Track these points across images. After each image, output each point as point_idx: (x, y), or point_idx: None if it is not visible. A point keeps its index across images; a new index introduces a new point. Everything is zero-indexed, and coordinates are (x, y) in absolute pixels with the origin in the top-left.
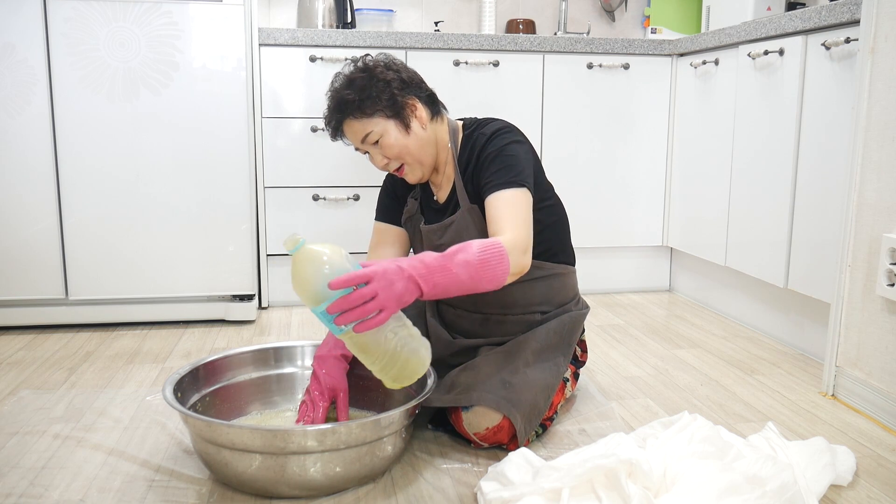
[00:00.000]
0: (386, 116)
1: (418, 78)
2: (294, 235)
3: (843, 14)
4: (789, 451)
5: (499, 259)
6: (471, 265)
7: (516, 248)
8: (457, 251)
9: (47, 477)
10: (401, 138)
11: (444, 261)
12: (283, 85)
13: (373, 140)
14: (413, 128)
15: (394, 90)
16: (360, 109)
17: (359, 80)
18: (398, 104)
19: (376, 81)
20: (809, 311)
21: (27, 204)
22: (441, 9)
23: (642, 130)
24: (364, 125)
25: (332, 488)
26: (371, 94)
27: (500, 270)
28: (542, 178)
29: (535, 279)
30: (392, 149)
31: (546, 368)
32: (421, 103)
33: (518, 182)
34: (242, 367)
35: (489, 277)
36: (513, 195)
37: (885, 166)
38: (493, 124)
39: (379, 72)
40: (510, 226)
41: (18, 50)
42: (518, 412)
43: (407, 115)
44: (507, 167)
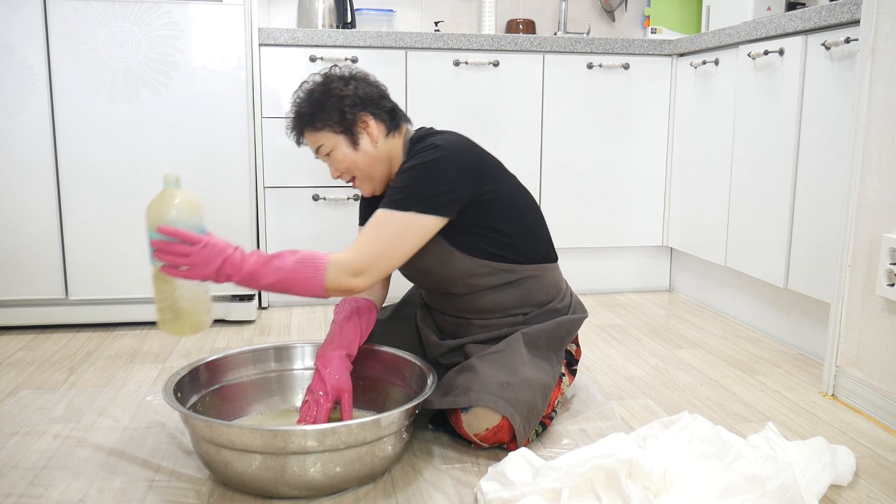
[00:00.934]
0: (335, 132)
1: (378, 93)
2: (174, 175)
3: (843, 14)
4: (789, 451)
5: (312, 274)
6: (282, 272)
7: (343, 269)
8: (279, 256)
9: (47, 477)
10: (349, 154)
11: (259, 265)
12: (283, 85)
13: (324, 153)
14: (362, 144)
15: (344, 106)
16: (311, 123)
17: (316, 93)
18: (348, 120)
19: (329, 96)
20: (809, 311)
21: (27, 204)
22: (441, 9)
23: (642, 130)
24: (316, 138)
25: (332, 488)
26: (323, 109)
27: (313, 284)
28: (495, 186)
29: (506, 284)
30: (340, 163)
31: (542, 367)
32: (375, 120)
33: (402, 204)
34: (242, 367)
35: (298, 288)
36: (387, 217)
37: (885, 166)
38: (427, 141)
39: (334, 87)
40: (357, 246)
41: (18, 50)
42: (517, 412)
43: (356, 132)
44: (402, 187)
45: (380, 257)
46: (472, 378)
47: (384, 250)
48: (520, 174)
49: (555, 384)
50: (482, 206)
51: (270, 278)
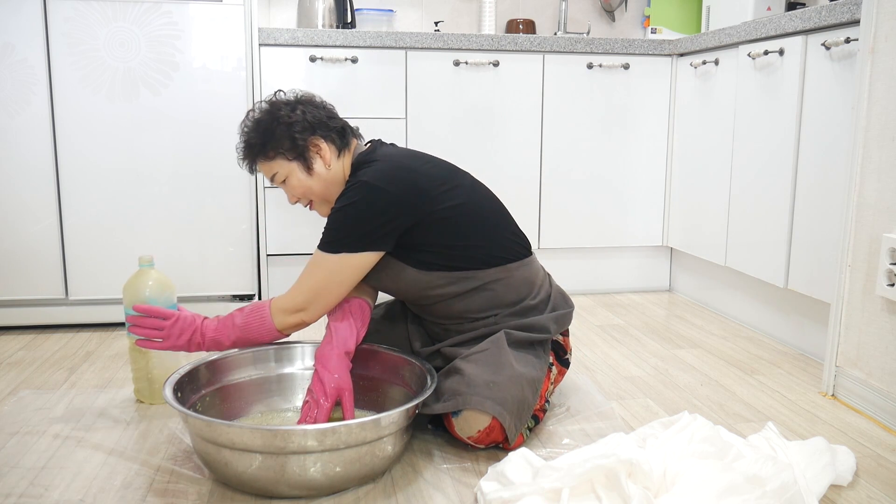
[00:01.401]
0: (288, 159)
1: (326, 114)
2: (148, 257)
3: (843, 14)
4: (789, 451)
5: (259, 322)
6: (237, 329)
7: (283, 309)
8: (230, 317)
9: (47, 477)
10: (304, 180)
11: (218, 330)
12: (283, 85)
13: (279, 180)
14: (316, 168)
15: (295, 133)
16: (262, 153)
17: (263, 122)
18: (299, 147)
19: (278, 124)
20: (809, 311)
21: (27, 204)
22: (441, 9)
23: (642, 130)
24: (269, 167)
25: (332, 488)
26: (273, 137)
27: (264, 330)
28: (437, 206)
29: (471, 290)
30: (296, 189)
31: (528, 361)
32: (326, 142)
33: (333, 247)
34: (242, 367)
35: (255, 338)
36: (321, 258)
37: (885, 166)
38: (360, 174)
39: (282, 114)
40: (295, 287)
41: (18, 50)
42: (506, 411)
43: (310, 157)
44: (332, 230)
45: (317, 296)
46: (460, 381)
47: (320, 290)
48: (519, 174)
49: (543, 377)
50: (426, 227)
51: (231, 337)
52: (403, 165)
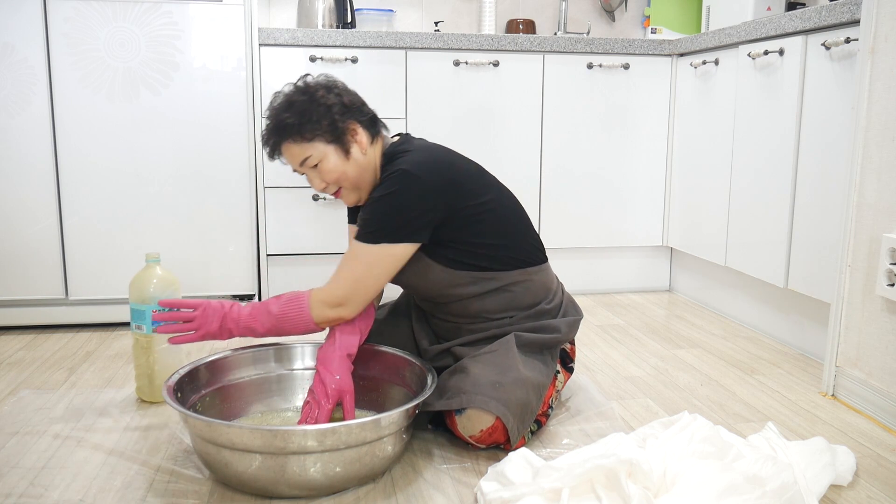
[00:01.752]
0: (326, 141)
1: (359, 101)
2: (154, 253)
3: (843, 14)
4: (789, 451)
5: (298, 312)
6: (272, 316)
7: (324, 303)
8: (266, 303)
9: (47, 477)
10: (340, 164)
11: (253, 317)
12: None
13: (311, 164)
14: (353, 153)
15: (334, 115)
16: (299, 133)
17: (299, 102)
18: (339, 129)
19: (317, 105)
20: (809, 311)
21: (27, 204)
22: (441, 9)
23: (642, 130)
24: (303, 149)
25: (332, 488)
26: (311, 118)
27: (301, 321)
28: (470, 201)
29: (491, 291)
30: (331, 174)
31: (535, 367)
32: (362, 128)
33: (373, 237)
34: (242, 367)
35: (290, 328)
36: (360, 250)
37: (885, 166)
38: (398, 163)
39: (320, 95)
40: (335, 279)
41: (18, 50)
42: (510, 412)
43: (347, 141)
44: (371, 220)
45: (357, 288)
46: (465, 379)
47: (360, 282)
48: (519, 174)
49: (549, 383)
50: (458, 223)
51: (266, 325)
52: (440, 157)
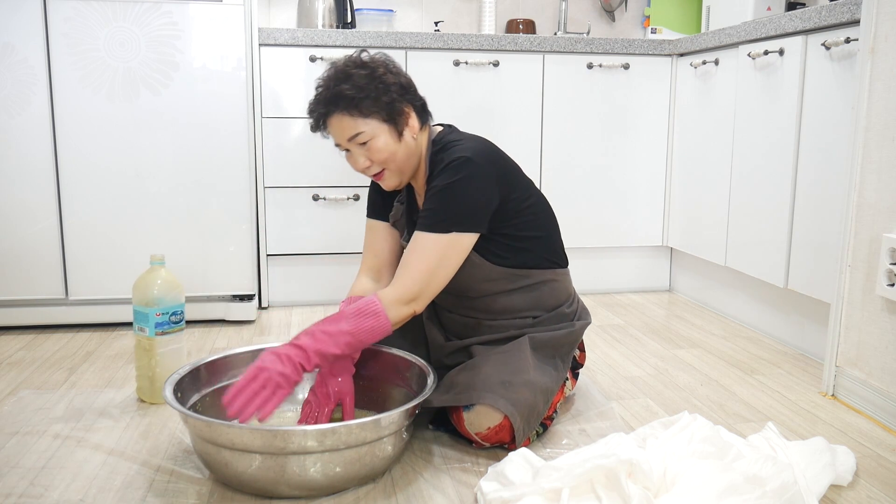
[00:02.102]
0: (381, 120)
1: (414, 85)
2: (159, 255)
3: (843, 14)
4: (789, 451)
5: (374, 321)
6: (347, 334)
7: (398, 301)
8: (334, 321)
9: (47, 477)
10: (391, 144)
11: (325, 342)
12: (283, 85)
13: (361, 140)
14: (405, 136)
15: (393, 94)
16: (356, 107)
17: (357, 76)
18: (395, 110)
19: (377, 83)
20: (809, 311)
21: (27, 204)
22: (441, 9)
23: (642, 130)
24: (356, 124)
25: (332, 488)
26: (370, 95)
27: (379, 329)
28: (518, 193)
29: (521, 288)
30: (380, 153)
31: (546, 371)
32: (415, 112)
33: (443, 226)
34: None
35: (369, 339)
36: (429, 241)
37: (885, 166)
38: (454, 151)
39: (381, 73)
40: (405, 275)
41: (18, 50)
42: (518, 412)
43: (401, 123)
44: (439, 209)
45: (431, 281)
46: (475, 376)
47: (433, 274)
48: None
49: (558, 389)
50: (505, 214)
51: (341, 344)
52: (493, 148)
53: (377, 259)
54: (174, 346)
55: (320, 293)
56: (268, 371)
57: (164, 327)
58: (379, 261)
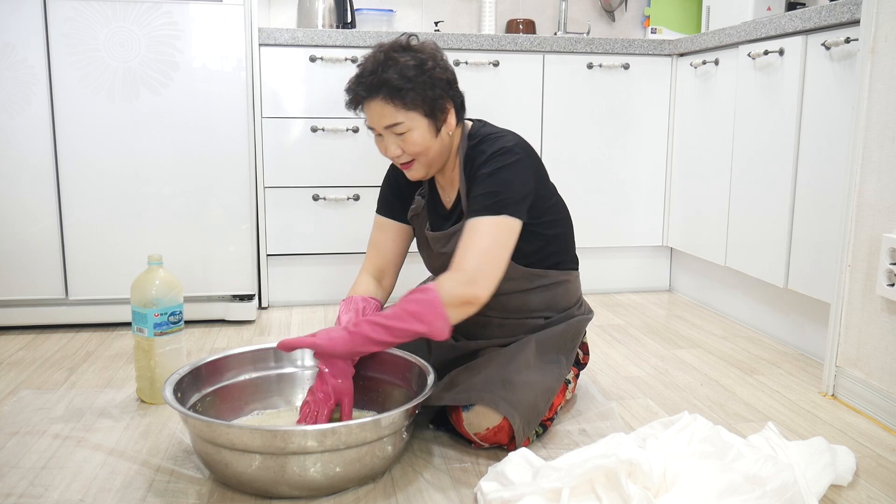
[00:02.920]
0: (423, 114)
1: (457, 80)
2: (157, 255)
3: (843, 14)
4: (789, 451)
5: (432, 318)
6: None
7: (459, 283)
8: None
9: (47, 477)
10: (428, 139)
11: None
12: (283, 85)
13: (399, 131)
14: (442, 132)
15: (439, 90)
16: (400, 97)
17: (405, 66)
18: (438, 106)
19: (426, 76)
20: (809, 311)
21: (27, 204)
22: (441, 9)
23: (642, 130)
24: (397, 114)
25: (332, 488)
26: (417, 87)
27: (437, 326)
28: (546, 191)
29: (537, 287)
30: (415, 146)
31: (548, 370)
32: (454, 109)
33: (496, 209)
34: (242, 367)
35: (429, 333)
36: (481, 224)
37: (885, 166)
38: (496, 142)
39: (429, 66)
40: (464, 258)
41: (18, 50)
42: (517, 413)
43: (441, 119)
44: (491, 192)
45: (487, 260)
46: (475, 376)
47: (489, 253)
48: None
49: (558, 388)
50: (534, 211)
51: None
52: (529, 143)
53: (382, 259)
54: (173, 347)
55: (320, 293)
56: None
57: (163, 328)
58: (384, 261)
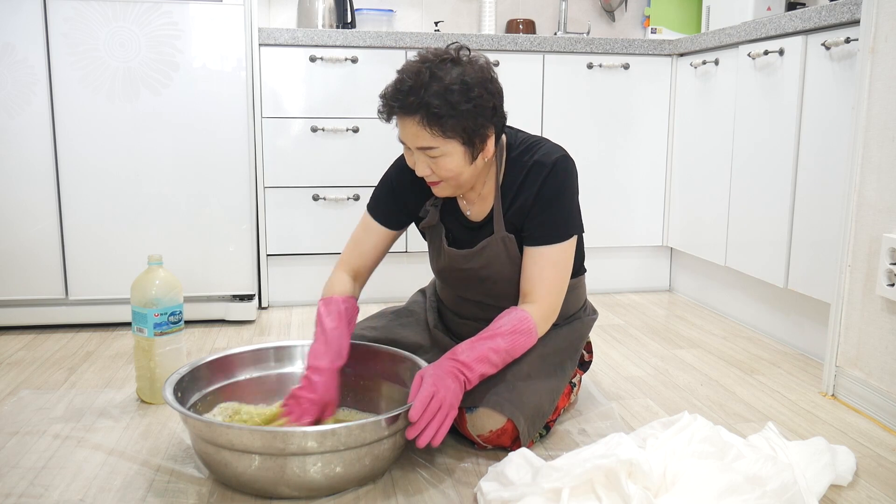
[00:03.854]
0: (461, 142)
1: (502, 98)
2: (157, 255)
3: (843, 14)
4: (789, 451)
5: (527, 339)
6: (504, 352)
7: (545, 319)
8: (490, 339)
9: (47, 477)
10: (462, 165)
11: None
12: (283, 85)
13: (433, 155)
14: (477, 160)
15: (479, 118)
16: (438, 124)
17: (450, 88)
18: (478, 135)
19: (472, 104)
20: (809, 311)
21: (27, 204)
22: (441, 9)
23: (642, 130)
24: (433, 139)
25: (331, 489)
26: (458, 115)
27: (528, 346)
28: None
29: None
30: (448, 172)
31: (552, 372)
32: (494, 136)
33: (564, 235)
34: (242, 367)
35: (518, 354)
36: (556, 253)
37: (885, 166)
38: (542, 150)
39: (476, 94)
40: (545, 293)
41: (18, 50)
42: (522, 415)
43: (479, 148)
44: (557, 219)
45: (563, 292)
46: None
47: (563, 284)
48: None
49: (563, 389)
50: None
51: (498, 365)
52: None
53: (361, 260)
54: (173, 347)
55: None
56: (441, 394)
57: (163, 328)
58: (362, 263)
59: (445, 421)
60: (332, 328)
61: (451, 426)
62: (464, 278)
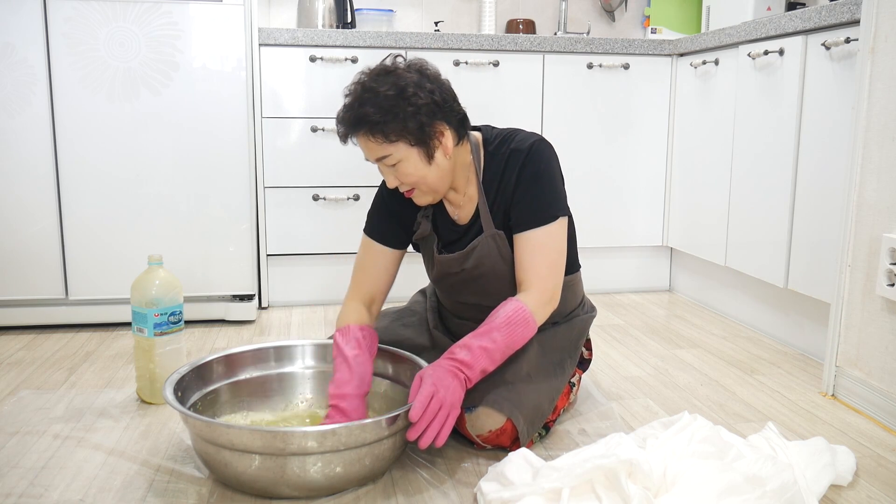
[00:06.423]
0: (409, 144)
1: (451, 95)
2: (157, 255)
3: (843, 14)
4: (789, 451)
5: (525, 329)
6: (505, 346)
7: (540, 304)
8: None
9: (47, 477)
10: (421, 167)
11: (482, 359)
12: (283, 85)
13: (390, 163)
14: (436, 158)
15: (423, 117)
16: (381, 132)
17: (384, 97)
18: (426, 133)
19: (406, 104)
20: (809, 311)
21: (27, 204)
22: (441, 9)
23: (642, 130)
24: (382, 148)
25: (331, 489)
26: (397, 118)
27: (528, 335)
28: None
29: None
30: (409, 177)
31: (552, 372)
32: (450, 130)
33: (549, 216)
34: (242, 366)
35: (519, 346)
36: (542, 235)
37: (885, 166)
38: (517, 138)
39: (410, 93)
40: (536, 276)
41: (18, 50)
42: (521, 415)
43: (433, 146)
44: (538, 200)
45: (558, 272)
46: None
47: (557, 264)
48: None
49: (563, 389)
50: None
51: (497, 361)
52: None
53: (372, 285)
54: (173, 347)
55: (320, 293)
56: (441, 393)
57: (163, 328)
58: (374, 287)
59: (447, 421)
60: (353, 355)
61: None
62: (459, 282)
